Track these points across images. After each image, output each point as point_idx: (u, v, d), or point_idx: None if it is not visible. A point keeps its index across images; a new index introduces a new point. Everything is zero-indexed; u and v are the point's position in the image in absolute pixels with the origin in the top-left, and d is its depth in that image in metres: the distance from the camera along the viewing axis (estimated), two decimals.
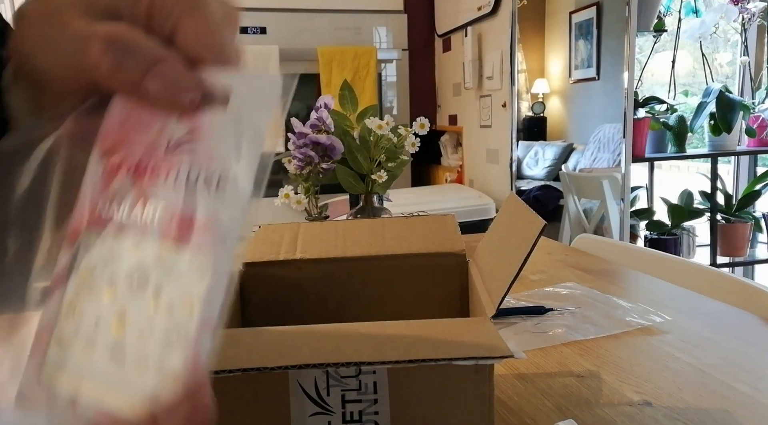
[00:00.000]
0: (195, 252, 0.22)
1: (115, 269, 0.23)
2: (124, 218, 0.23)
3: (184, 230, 0.23)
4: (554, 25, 4.06)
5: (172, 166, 0.23)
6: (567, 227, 3.09)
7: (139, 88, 0.23)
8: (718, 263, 2.87)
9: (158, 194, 0.23)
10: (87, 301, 0.23)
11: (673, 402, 0.55)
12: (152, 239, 0.23)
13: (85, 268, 0.23)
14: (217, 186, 0.23)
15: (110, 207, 0.24)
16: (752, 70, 2.98)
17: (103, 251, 0.23)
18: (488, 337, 0.39)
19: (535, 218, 0.44)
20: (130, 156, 0.24)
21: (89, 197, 0.24)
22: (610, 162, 3.23)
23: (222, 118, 0.23)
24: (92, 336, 0.23)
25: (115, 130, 0.24)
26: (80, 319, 0.23)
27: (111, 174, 0.24)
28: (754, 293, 0.85)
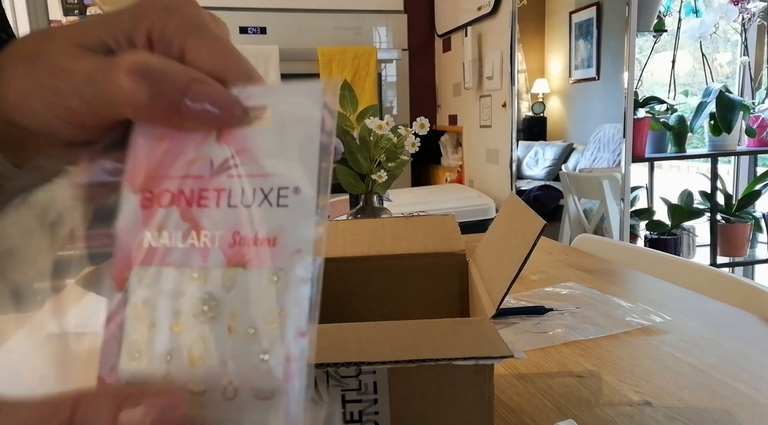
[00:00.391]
0: (268, 270, 0.21)
1: (179, 302, 0.22)
2: (178, 249, 0.22)
3: (251, 250, 0.22)
4: (554, 25, 4.06)
5: (222, 189, 0.22)
6: (567, 227, 3.09)
7: (179, 111, 0.22)
8: (718, 263, 2.87)
9: (213, 219, 0.22)
10: (152, 339, 0.22)
11: (673, 402, 0.55)
12: (216, 266, 0.22)
13: (143, 305, 0.22)
14: (278, 200, 0.22)
15: (159, 240, 0.23)
16: (752, 70, 2.98)
17: (160, 285, 0.22)
18: (488, 337, 0.39)
19: (535, 218, 0.44)
20: (168, 186, 0.23)
21: (130, 234, 0.23)
22: (610, 162, 3.23)
23: (267, 132, 0.23)
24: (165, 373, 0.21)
25: (145, 163, 0.23)
26: (147, 359, 0.22)
27: (151, 208, 0.23)
28: (754, 293, 0.85)
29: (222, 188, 0.22)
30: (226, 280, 0.22)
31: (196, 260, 0.22)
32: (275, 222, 0.22)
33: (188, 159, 0.23)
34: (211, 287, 0.22)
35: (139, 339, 0.22)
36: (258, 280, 0.21)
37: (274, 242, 0.22)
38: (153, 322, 0.22)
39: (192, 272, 0.22)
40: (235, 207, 0.22)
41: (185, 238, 0.22)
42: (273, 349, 0.21)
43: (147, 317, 0.22)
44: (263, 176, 0.22)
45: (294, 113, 0.23)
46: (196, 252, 0.22)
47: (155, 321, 0.22)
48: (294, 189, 0.22)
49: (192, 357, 0.21)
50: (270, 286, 0.21)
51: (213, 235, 0.22)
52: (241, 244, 0.22)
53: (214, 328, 0.21)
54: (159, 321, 0.22)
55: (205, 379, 0.21)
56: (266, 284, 0.21)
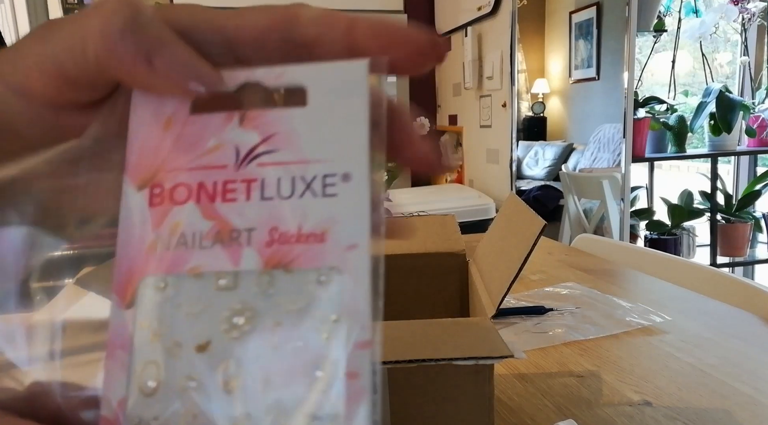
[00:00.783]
0: (317, 270, 0.18)
1: (204, 315, 0.18)
2: (201, 252, 0.19)
3: (295, 247, 0.18)
4: (554, 25, 4.06)
5: (253, 180, 0.19)
6: (567, 227, 3.09)
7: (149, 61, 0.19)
8: (718, 263, 2.87)
9: (244, 215, 0.19)
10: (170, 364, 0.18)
11: (673, 402, 0.55)
12: (251, 269, 0.18)
13: (158, 324, 0.18)
14: (324, 189, 0.19)
15: (175, 243, 0.19)
16: (752, 70, 2.98)
17: (179, 297, 0.19)
18: (488, 337, 0.39)
19: (535, 218, 0.44)
20: (184, 179, 0.19)
21: (137, 239, 0.19)
22: (610, 162, 3.23)
23: (304, 114, 0.19)
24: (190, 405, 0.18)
25: (151, 153, 0.20)
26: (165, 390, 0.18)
27: (162, 205, 0.19)
28: (754, 293, 0.85)
29: (252, 178, 0.19)
30: (265, 285, 0.18)
31: (224, 264, 0.19)
32: (323, 214, 0.18)
33: (207, 148, 0.20)
34: (245, 294, 0.18)
35: (154, 364, 0.18)
36: (305, 283, 0.18)
37: (323, 237, 0.18)
38: (172, 343, 0.18)
39: (219, 278, 0.19)
40: (270, 200, 0.19)
41: (209, 239, 0.19)
42: (329, 365, 0.17)
43: (163, 338, 0.18)
44: (303, 162, 0.19)
45: (336, 91, 0.19)
46: (224, 254, 0.19)
47: (174, 341, 0.18)
48: (343, 176, 0.19)
49: (226, 381, 0.18)
50: (320, 289, 0.18)
51: (245, 233, 0.19)
52: (281, 241, 0.18)
53: (253, 344, 0.18)
54: (179, 341, 0.18)
55: (245, 407, 0.18)
56: (315, 287, 0.18)
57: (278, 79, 0.20)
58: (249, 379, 0.18)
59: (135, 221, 0.19)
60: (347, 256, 0.18)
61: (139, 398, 0.18)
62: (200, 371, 0.18)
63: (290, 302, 0.18)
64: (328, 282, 0.18)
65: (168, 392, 0.18)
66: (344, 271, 0.18)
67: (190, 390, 0.18)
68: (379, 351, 0.18)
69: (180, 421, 0.18)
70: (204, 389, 0.18)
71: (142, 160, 0.20)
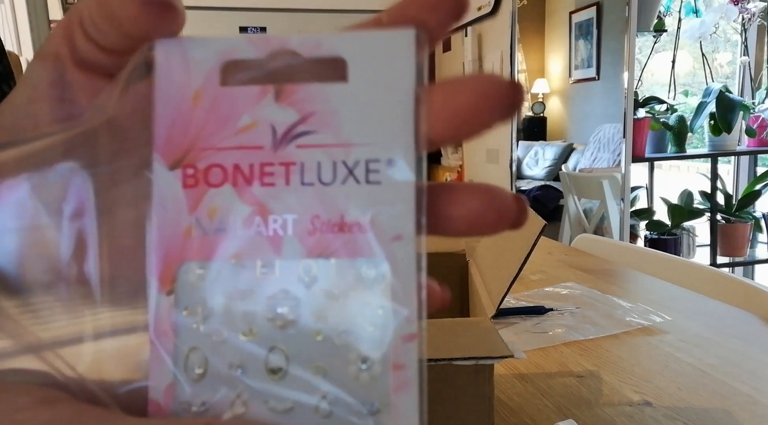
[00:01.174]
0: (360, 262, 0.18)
1: (248, 302, 0.18)
2: (241, 238, 0.18)
3: (337, 237, 0.18)
4: (554, 25, 4.07)
5: (292, 163, 0.18)
6: (567, 227, 3.09)
7: None
8: (718, 263, 2.87)
9: (284, 201, 0.18)
10: (217, 349, 0.18)
11: (673, 402, 0.55)
12: (293, 257, 0.18)
13: (202, 309, 0.18)
14: (367, 176, 0.18)
15: (214, 228, 0.18)
16: (752, 70, 2.98)
17: (222, 283, 0.18)
18: (488, 337, 0.39)
19: (535, 218, 0.44)
20: (218, 160, 0.18)
21: (173, 222, 0.18)
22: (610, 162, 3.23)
23: (344, 91, 0.18)
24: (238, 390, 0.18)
25: (180, 129, 0.19)
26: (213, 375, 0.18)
27: (196, 187, 0.18)
28: (754, 293, 0.85)
29: (291, 161, 0.18)
30: (307, 274, 0.18)
31: (265, 252, 0.18)
32: (366, 203, 0.18)
33: (241, 126, 0.18)
34: (286, 283, 0.18)
35: (199, 351, 0.18)
36: (348, 273, 0.18)
37: (366, 227, 0.18)
38: (216, 330, 0.18)
39: (261, 266, 0.18)
40: (311, 185, 0.18)
41: (249, 224, 0.18)
42: (375, 356, 0.17)
43: (207, 325, 0.18)
44: (345, 145, 0.18)
45: (379, 65, 0.18)
46: (265, 242, 0.18)
47: (218, 328, 0.18)
48: (387, 162, 0.18)
49: (271, 368, 0.18)
50: (364, 280, 0.17)
51: (285, 220, 0.18)
52: (323, 230, 0.18)
53: (297, 333, 0.18)
54: (224, 326, 0.18)
55: (291, 395, 0.17)
56: (359, 278, 0.18)
57: (315, 49, 0.18)
58: (295, 369, 0.18)
59: (169, 203, 0.18)
60: (392, 247, 0.17)
61: (186, 384, 0.18)
62: (246, 359, 0.18)
63: (333, 293, 0.18)
64: (372, 274, 0.17)
65: (214, 378, 0.18)
66: (389, 263, 0.17)
67: (237, 377, 0.18)
68: (425, 345, 0.17)
69: (228, 407, 0.18)
70: (251, 376, 0.18)
71: (173, 137, 0.19)
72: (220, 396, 0.18)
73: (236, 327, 0.18)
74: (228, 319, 0.18)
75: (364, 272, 0.18)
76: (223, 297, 0.18)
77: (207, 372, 0.18)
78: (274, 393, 0.18)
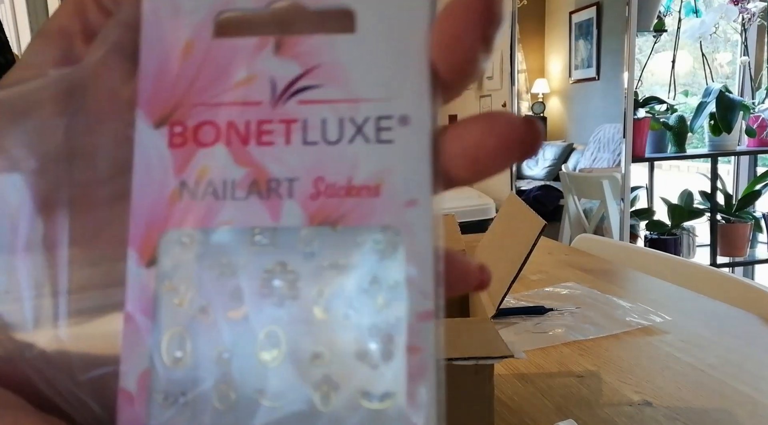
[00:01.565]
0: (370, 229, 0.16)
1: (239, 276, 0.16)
2: (233, 204, 0.16)
3: (344, 201, 0.16)
4: (554, 25, 4.07)
5: (293, 120, 0.16)
6: (567, 227, 3.09)
7: None
8: (718, 263, 2.87)
9: (284, 162, 0.16)
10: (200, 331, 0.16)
11: (673, 402, 0.55)
12: (293, 225, 0.16)
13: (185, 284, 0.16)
14: (377, 134, 0.16)
15: (202, 192, 0.16)
16: (752, 70, 2.98)
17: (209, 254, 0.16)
18: (488, 337, 0.39)
19: (535, 218, 0.44)
20: (211, 116, 0.17)
21: (156, 185, 0.16)
22: (610, 162, 3.23)
23: (352, 42, 0.16)
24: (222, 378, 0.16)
25: (169, 84, 0.17)
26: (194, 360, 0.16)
27: (185, 146, 0.16)
28: (754, 293, 0.85)
29: (292, 118, 0.16)
30: (309, 244, 0.16)
31: (261, 218, 0.16)
32: (377, 164, 0.16)
33: (236, 80, 0.17)
34: (285, 254, 0.16)
35: (181, 332, 0.16)
36: (356, 243, 0.16)
37: (377, 190, 0.16)
38: (201, 307, 0.16)
39: (256, 235, 0.16)
40: (314, 144, 0.16)
41: (243, 188, 0.16)
42: (385, 336, 0.15)
43: (191, 302, 0.16)
44: (353, 101, 0.16)
45: (390, 16, 0.16)
46: (262, 207, 0.16)
47: (204, 306, 0.16)
48: (400, 119, 0.16)
49: (263, 353, 0.15)
50: (373, 251, 0.16)
51: (285, 183, 0.16)
52: (328, 194, 0.16)
53: (295, 310, 0.16)
54: (210, 304, 0.16)
55: (285, 383, 0.15)
56: (368, 247, 0.16)
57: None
58: (292, 351, 0.15)
59: (153, 165, 0.16)
60: (406, 213, 0.16)
61: (164, 370, 0.16)
62: (235, 341, 0.16)
63: (339, 264, 0.16)
64: (383, 243, 0.16)
65: (198, 364, 0.16)
66: (402, 230, 0.16)
67: (224, 362, 0.16)
68: (442, 324, 0.15)
69: (213, 398, 0.15)
70: (240, 361, 0.16)
71: (159, 92, 0.17)
72: (203, 386, 0.16)
73: (225, 304, 0.16)
74: (216, 296, 0.16)
75: (374, 241, 0.16)
76: (210, 270, 0.16)
77: (189, 357, 0.16)
78: (268, 383, 0.15)
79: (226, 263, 0.16)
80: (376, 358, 0.15)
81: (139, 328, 0.16)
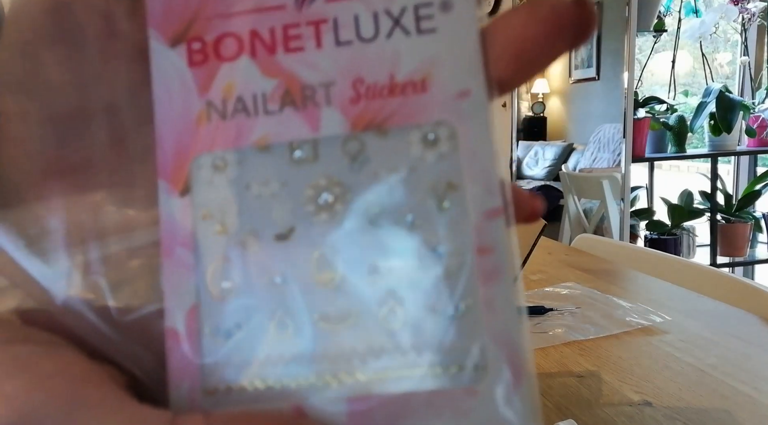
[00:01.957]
0: (421, 128, 0.14)
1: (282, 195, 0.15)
2: (266, 119, 0.15)
3: (389, 101, 0.14)
4: None
5: (322, 20, 0.15)
6: (567, 227, 3.09)
7: None
8: (718, 263, 2.87)
9: (317, 67, 0.15)
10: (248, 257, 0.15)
11: (673, 402, 0.55)
12: (334, 134, 0.14)
13: (223, 210, 0.15)
14: (417, 24, 0.14)
15: (231, 111, 0.15)
16: (752, 70, 2.98)
17: (246, 176, 0.15)
18: None
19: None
20: (230, 28, 0.15)
21: (179, 108, 0.15)
22: (610, 162, 3.23)
23: None
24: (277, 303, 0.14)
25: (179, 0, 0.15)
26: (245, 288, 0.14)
27: (206, 64, 0.15)
28: (754, 293, 0.85)
29: (321, 18, 0.15)
30: (354, 153, 0.14)
31: (298, 131, 0.15)
32: (420, 57, 0.14)
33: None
34: (330, 166, 0.14)
35: (226, 262, 0.15)
36: (406, 145, 0.14)
37: (424, 85, 0.14)
38: (245, 234, 0.15)
39: (295, 149, 0.15)
40: (348, 44, 0.15)
41: (275, 101, 0.15)
42: (452, 242, 0.14)
43: (233, 229, 0.15)
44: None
45: None
46: (298, 119, 0.15)
47: (248, 231, 0.15)
48: (441, 4, 0.14)
49: (321, 274, 0.14)
50: (427, 150, 0.14)
51: (321, 90, 0.15)
52: (369, 96, 0.14)
53: (349, 225, 0.14)
54: (254, 229, 0.15)
55: (349, 303, 0.14)
56: (421, 148, 0.14)
57: None
58: (349, 268, 0.14)
59: (174, 87, 0.15)
60: (458, 106, 0.14)
61: (213, 304, 0.14)
62: (286, 264, 0.14)
63: (390, 170, 0.14)
64: (438, 140, 0.14)
65: (249, 293, 0.14)
66: (457, 124, 0.14)
67: (276, 287, 0.14)
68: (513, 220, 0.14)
69: (269, 327, 0.14)
70: (294, 285, 0.14)
71: (171, 6, 0.15)
72: (257, 316, 0.14)
73: (270, 227, 0.14)
74: (258, 219, 0.15)
75: (427, 140, 0.14)
76: (249, 193, 0.15)
77: (238, 287, 0.14)
78: (327, 303, 0.14)
79: (266, 183, 0.15)
80: (443, 265, 0.14)
81: (180, 262, 0.15)
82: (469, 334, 0.14)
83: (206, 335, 0.14)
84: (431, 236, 0.14)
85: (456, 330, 0.14)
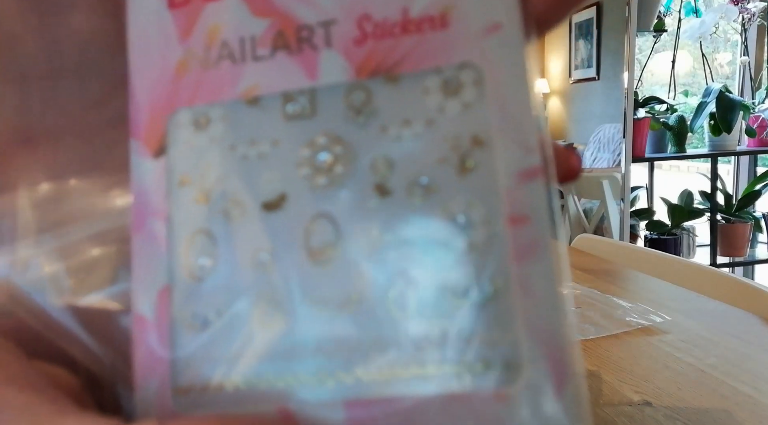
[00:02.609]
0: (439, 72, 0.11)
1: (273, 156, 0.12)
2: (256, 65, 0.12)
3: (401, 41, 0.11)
4: None
5: None
6: (567, 227, 3.09)
7: None
8: (718, 263, 2.87)
9: (315, 4, 0.12)
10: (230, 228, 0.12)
11: (673, 402, 0.55)
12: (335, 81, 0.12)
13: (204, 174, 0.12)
14: None
15: (216, 57, 0.12)
16: (752, 70, 2.98)
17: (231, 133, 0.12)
18: None
19: None
20: None
21: (157, 57, 0.12)
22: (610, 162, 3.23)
23: None
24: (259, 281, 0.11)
25: None
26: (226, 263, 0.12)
27: (187, 5, 0.12)
28: (754, 293, 0.85)
29: None
30: (359, 104, 0.12)
31: (293, 79, 0.12)
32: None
33: None
34: (329, 121, 0.12)
35: (206, 235, 0.12)
36: (423, 92, 0.11)
37: (445, 19, 0.11)
38: (229, 202, 0.12)
39: (288, 101, 0.12)
40: None
41: (266, 44, 0.12)
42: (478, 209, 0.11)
43: (215, 196, 0.12)
44: None
45: None
46: (293, 64, 0.12)
47: (233, 199, 0.12)
48: None
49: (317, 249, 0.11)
50: (448, 99, 0.11)
51: (320, 29, 0.12)
52: (377, 35, 0.12)
53: (349, 190, 0.11)
54: (239, 198, 0.12)
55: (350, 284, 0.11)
56: (439, 97, 0.11)
57: None
58: (351, 243, 0.11)
59: (151, 33, 0.12)
60: (486, 43, 0.11)
61: (187, 285, 0.12)
62: (275, 238, 0.11)
63: (401, 124, 0.11)
64: (461, 87, 0.11)
65: (230, 273, 0.12)
66: (484, 66, 0.11)
67: (263, 266, 0.12)
68: (554, 182, 0.11)
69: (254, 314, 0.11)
70: (284, 263, 0.11)
71: None
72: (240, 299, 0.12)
73: (258, 194, 0.12)
74: (244, 184, 0.12)
75: (447, 86, 0.11)
76: (235, 154, 0.12)
77: (219, 265, 0.12)
78: (322, 284, 0.11)
79: (253, 142, 0.12)
80: (466, 238, 0.11)
81: (151, 235, 0.12)
82: (498, 323, 0.11)
83: (179, 323, 0.12)
84: (451, 202, 0.11)
85: (481, 318, 0.11)
